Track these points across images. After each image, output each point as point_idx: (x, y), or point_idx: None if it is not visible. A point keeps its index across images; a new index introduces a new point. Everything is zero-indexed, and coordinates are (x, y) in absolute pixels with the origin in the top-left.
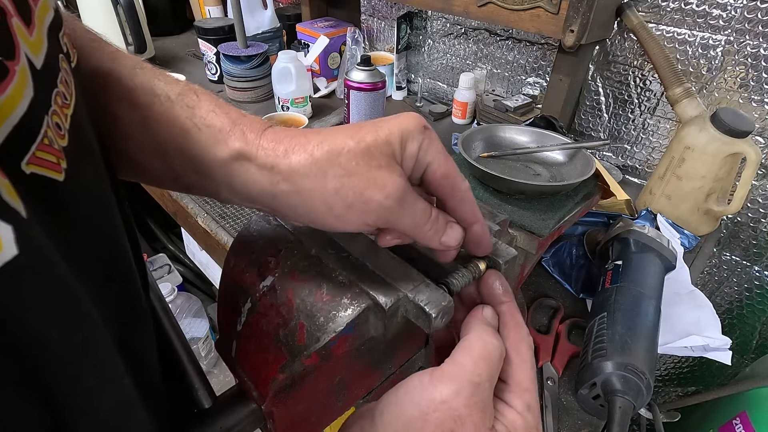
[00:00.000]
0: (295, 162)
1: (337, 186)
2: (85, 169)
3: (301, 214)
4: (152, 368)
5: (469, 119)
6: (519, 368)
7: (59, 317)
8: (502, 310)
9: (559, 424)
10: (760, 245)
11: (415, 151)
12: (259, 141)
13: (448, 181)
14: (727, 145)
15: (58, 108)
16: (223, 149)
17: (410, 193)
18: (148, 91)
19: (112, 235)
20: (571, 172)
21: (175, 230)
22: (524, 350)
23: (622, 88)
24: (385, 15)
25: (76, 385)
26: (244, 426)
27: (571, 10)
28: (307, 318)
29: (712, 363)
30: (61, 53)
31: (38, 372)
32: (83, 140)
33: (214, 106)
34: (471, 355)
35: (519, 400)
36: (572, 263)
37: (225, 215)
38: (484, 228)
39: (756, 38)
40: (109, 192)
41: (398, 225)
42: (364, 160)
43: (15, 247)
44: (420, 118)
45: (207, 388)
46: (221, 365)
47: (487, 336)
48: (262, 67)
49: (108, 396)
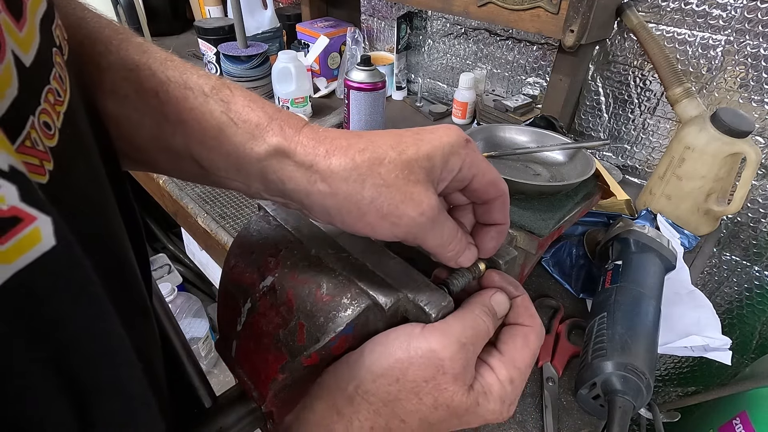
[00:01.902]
0: (335, 164)
1: (374, 195)
2: (77, 168)
3: (332, 216)
4: (157, 369)
5: (469, 119)
6: (519, 350)
7: (87, 311)
8: (516, 303)
9: (559, 424)
10: (760, 245)
11: (457, 167)
12: (298, 137)
13: (492, 187)
14: (727, 145)
15: (49, 106)
16: (261, 144)
17: (442, 212)
18: (180, 84)
19: (109, 233)
20: (571, 172)
21: (175, 230)
22: (532, 338)
23: (622, 88)
24: (385, 15)
25: (101, 382)
26: (244, 426)
27: (571, 10)
28: (306, 318)
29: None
30: (55, 47)
31: (70, 368)
32: (77, 137)
33: (249, 101)
34: (462, 322)
35: (504, 370)
36: (572, 263)
37: (225, 215)
38: (505, 230)
39: (756, 38)
40: (106, 189)
41: (425, 242)
42: (403, 173)
43: (53, 239)
44: (460, 131)
45: (207, 388)
46: (221, 365)
47: (481, 314)
48: (262, 67)
49: (128, 392)
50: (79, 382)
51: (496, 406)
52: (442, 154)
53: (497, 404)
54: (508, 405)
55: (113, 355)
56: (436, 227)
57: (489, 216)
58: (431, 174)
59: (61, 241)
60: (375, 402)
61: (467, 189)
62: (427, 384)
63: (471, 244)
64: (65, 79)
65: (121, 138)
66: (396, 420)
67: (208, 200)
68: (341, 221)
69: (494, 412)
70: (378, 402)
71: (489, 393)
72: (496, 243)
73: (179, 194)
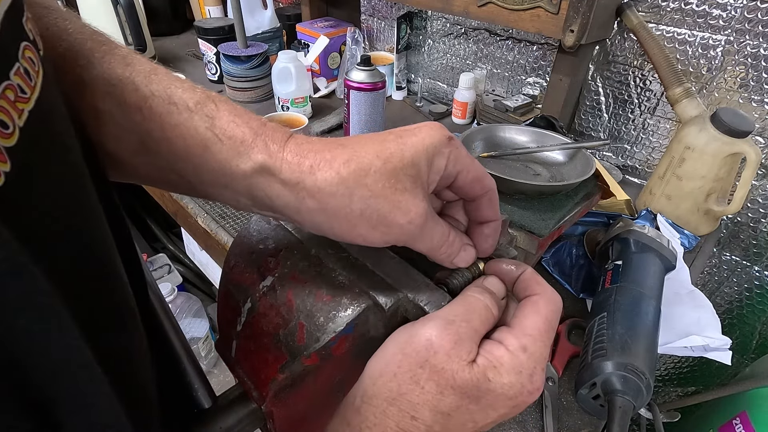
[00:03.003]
0: (321, 180)
1: (362, 207)
2: (46, 169)
3: (323, 229)
4: (140, 375)
5: (469, 119)
6: (529, 317)
7: (35, 322)
8: (522, 278)
9: (559, 424)
10: (760, 245)
11: (443, 166)
12: (282, 154)
13: (477, 183)
14: (727, 145)
15: (7, 103)
16: (246, 162)
17: (431, 218)
18: (165, 99)
19: (86, 237)
20: (571, 172)
21: (175, 230)
22: (541, 304)
23: (622, 88)
24: (385, 15)
25: (63, 395)
26: (244, 426)
27: (571, 10)
28: (307, 318)
29: (712, 363)
30: (27, 41)
31: (30, 380)
32: (46, 136)
33: (234, 116)
34: (451, 305)
35: (514, 340)
36: (572, 263)
37: (225, 215)
38: (498, 226)
39: (756, 38)
40: (85, 191)
41: (415, 246)
42: (389, 182)
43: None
44: (443, 129)
45: (207, 388)
46: (221, 365)
47: (473, 293)
48: (262, 67)
49: (91, 404)
50: (42, 394)
51: (512, 378)
52: (426, 156)
53: (513, 376)
54: (529, 375)
55: (69, 367)
56: (426, 233)
57: (479, 213)
58: (417, 180)
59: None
60: (380, 404)
61: (453, 186)
62: (423, 369)
63: (468, 245)
64: (34, 74)
65: (104, 152)
66: (406, 418)
67: (208, 200)
68: (333, 234)
69: (513, 386)
70: (382, 403)
71: (499, 366)
72: (492, 241)
73: (180, 194)
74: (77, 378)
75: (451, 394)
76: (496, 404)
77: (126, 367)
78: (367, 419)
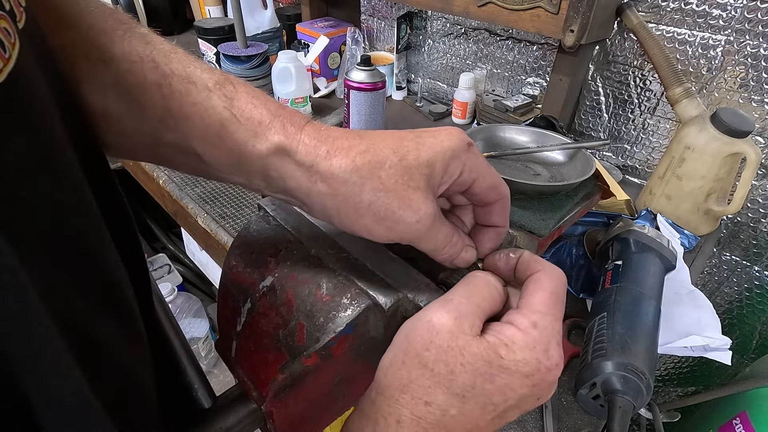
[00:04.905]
0: (336, 166)
1: (372, 199)
2: (12, 148)
3: (330, 215)
4: (136, 373)
5: (469, 119)
6: (534, 294)
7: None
8: (521, 260)
9: (559, 424)
10: (760, 245)
11: (457, 171)
12: (300, 136)
13: (493, 191)
14: (727, 145)
15: None
16: (263, 142)
17: (438, 219)
18: (184, 78)
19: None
20: (571, 172)
21: (175, 230)
22: (544, 279)
23: (622, 88)
24: (385, 15)
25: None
26: (244, 426)
27: (571, 10)
28: (306, 318)
29: (712, 363)
30: (2, 10)
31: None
32: (17, 114)
33: (252, 97)
34: (451, 289)
35: (523, 318)
36: (572, 263)
37: (225, 215)
38: (504, 232)
39: (756, 38)
40: (67, 174)
41: (419, 244)
42: (403, 179)
43: None
44: (463, 134)
45: (207, 388)
46: (221, 365)
47: (471, 276)
48: (262, 67)
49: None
50: (26, 396)
51: (526, 355)
52: (443, 159)
53: (527, 352)
54: (544, 350)
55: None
56: (431, 233)
57: (488, 218)
58: (431, 180)
59: None
60: (393, 393)
61: (467, 192)
62: (429, 351)
63: (469, 246)
64: (10, 48)
65: (120, 132)
66: (420, 404)
67: (208, 200)
68: (339, 221)
69: (529, 362)
70: (395, 391)
71: (511, 344)
72: (493, 244)
73: (179, 194)
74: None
75: (462, 372)
76: (512, 383)
77: (118, 363)
78: (382, 409)
